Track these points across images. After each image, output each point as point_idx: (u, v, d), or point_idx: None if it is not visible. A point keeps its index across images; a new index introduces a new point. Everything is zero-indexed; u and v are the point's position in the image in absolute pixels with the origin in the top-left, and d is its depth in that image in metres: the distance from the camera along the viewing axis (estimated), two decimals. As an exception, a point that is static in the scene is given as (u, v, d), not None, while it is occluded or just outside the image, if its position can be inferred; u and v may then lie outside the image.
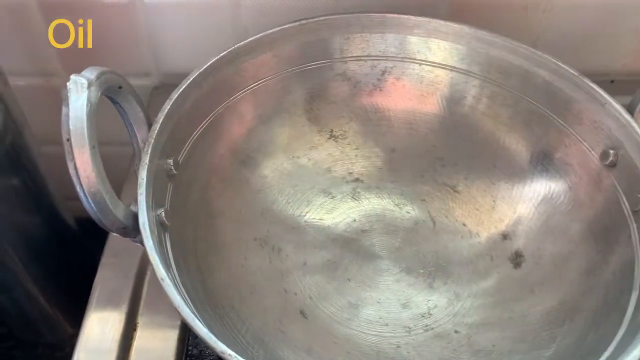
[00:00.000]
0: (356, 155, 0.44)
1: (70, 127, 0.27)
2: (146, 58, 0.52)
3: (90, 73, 0.29)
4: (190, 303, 0.30)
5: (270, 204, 0.41)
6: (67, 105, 0.28)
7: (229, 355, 0.25)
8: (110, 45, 0.50)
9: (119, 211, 0.30)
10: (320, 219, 0.41)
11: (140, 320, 0.40)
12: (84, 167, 0.27)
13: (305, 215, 0.41)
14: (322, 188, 0.43)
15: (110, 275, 0.42)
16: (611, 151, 0.37)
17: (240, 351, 0.31)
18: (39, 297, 0.58)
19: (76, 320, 0.40)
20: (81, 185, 0.28)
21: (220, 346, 0.25)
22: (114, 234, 0.44)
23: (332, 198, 0.42)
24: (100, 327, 0.39)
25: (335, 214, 0.42)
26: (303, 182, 0.42)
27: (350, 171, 0.44)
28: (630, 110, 0.37)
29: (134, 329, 0.40)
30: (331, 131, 0.45)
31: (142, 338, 0.39)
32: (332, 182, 0.43)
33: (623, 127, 0.36)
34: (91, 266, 0.42)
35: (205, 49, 0.41)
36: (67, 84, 0.28)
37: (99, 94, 0.29)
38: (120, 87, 0.32)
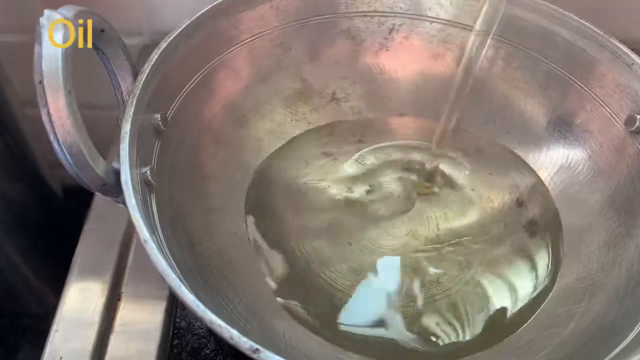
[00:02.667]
0: (360, 116, 0.41)
1: (43, 67, 0.24)
2: (138, 15, 0.48)
3: (68, 11, 0.26)
4: (177, 269, 0.27)
5: (266, 167, 0.38)
6: (40, 44, 0.25)
7: (219, 325, 0.22)
8: (100, 1, 0.47)
9: (99, 166, 0.27)
10: (321, 180, 0.38)
11: (125, 290, 0.38)
12: (59, 114, 0.24)
13: (304, 177, 0.38)
14: (322, 150, 0.40)
15: (93, 242, 0.40)
16: (638, 116, 0.34)
17: (232, 322, 0.29)
18: (22, 267, 0.56)
19: (62, 291, 0.37)
20: (55, 135, 0.25)
21: (209, 315, 0.23)
22: (99, 198, 0.42)
23: (333, 159, 0.39)
24: (81, 298, 0.37)
25: (337, 175, 0.39)
26: (301, 144, 0.39)
27: (354, 133, 0.41)
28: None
29: (118, 299, 0.37)
30: (333, 93, 0.42)
31: (127, 309, 0.37)
32: (333, 144, 0.40)
33: (652, 91, 0.34)
34: (78, 235, 0.40)
35: (202, 7, 0.38)
36: (41, 19, 0.25)
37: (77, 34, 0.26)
38: (102, 31, 0.29)
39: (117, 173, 0.27)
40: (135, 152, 0.29)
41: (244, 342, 0.22)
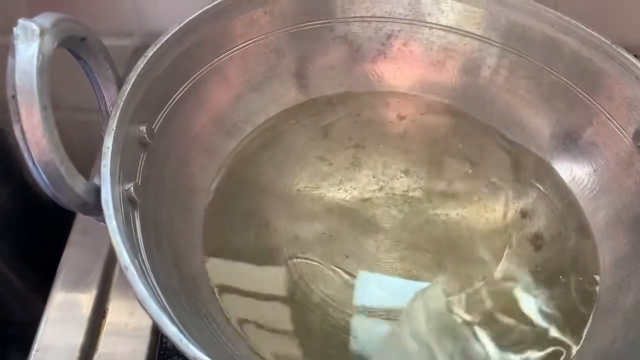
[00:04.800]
0: (357, 122, 0.40)
1: (17, 81, 0.23)
2: (129, 16, 0.47)
3: (45, 19, 0.24)
4: (161, 294, 0.25)
5: (258, 175, 0.36)
6: (14, 56, 0.23)
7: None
8: (89, 1, 0.45)
9: (78, 185, 0.25)
10: (315, 187, 0.37)
11: (111, 307, 0.36)
12: (33, 132, 0.23)
13: (298, 184, 0.36)
14: (317, 154, 0.38)
15: (78, 254, 0.38)
16: (646, 131, 0.33)
17: (218, 349, 0.27)
18: (8, 274, 0.55)
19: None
20: (30, 153, 0.23)
21: (190, 350, 0.21)
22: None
23: (329, 164, 0.38)
24: (64, 314, 0.35)
25: (332, 181, 0.37)
26: (296, 150, 0.38)
27: (350, 137, 0.39)
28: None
29: (103, 317, 0.36)
30: (329, 99, 0.40)
31: (112, 326, 0.35)
32: (329, 148, 0.38)
33: (661, 104, 0.32)
34: (65, 242, 0.38)
35: (194, 7, 0.36)
36: (14, 29, 0.23)
37: (55, 44, 0.24)
38: (83, 39, 0.27)
39: (98, 191, 0.26)
40: (118, 167, 0.27)
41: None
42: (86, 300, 0.36)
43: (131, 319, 0.36)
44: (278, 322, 0.31)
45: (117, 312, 0.36)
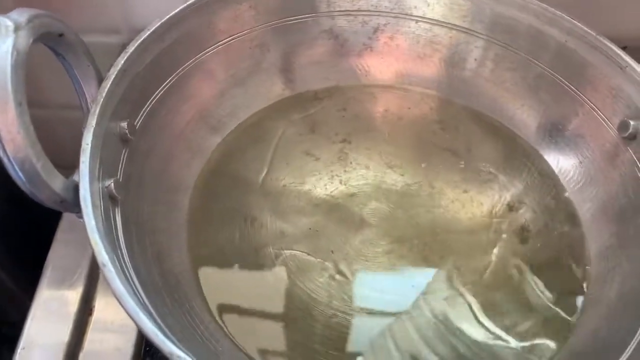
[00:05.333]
0: (344, 117, 0.39)
1: (-9, 78, 0.22)
2: (115, 12, 0.46)
3: (20, 15, 0.24)
4: (142, 291, 0.25)
5: (243, 171, 0.36)
6: (-13, 53, 0.23)
7: (177, 357, 0.21)
8: (75, -2, 0.45)
9: (56, 182, 0.25)
10: (302, 182, 0.36)
11: (97, 304, 0.36)
12: (8, 128, 0.23)
13: (284, 179, 0.36)
14: (304, 149, 0.38)
15: (64, 252, 0.38)
16: (631, 122, 0.33)
17: (200, 345, 0.27)
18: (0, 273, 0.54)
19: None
20: (4, 150, 0.23)
21: (167, 346, 0.21)
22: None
23: (315, 160, 0.37)
24: (50, 312, 0.35)
25: (319, 176, 0.37)
26: (282, 145, 0.38)
27: (337, 132, 0.39)
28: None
29: (90, 314, 0.36)
30: (315, 94, 0.40)
31: (98, 323, 0.35)
32: (315, 143, 0.38)
33: (646, 95, 0.32)
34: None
35: (180, 2, 0.36)
36: (-13, 25, 0.23)
37: (31, 40, 0.24)
38: (61, 35, 0.27)
39: (77, 188, 0.26)
40: (98, 164, 0.27)
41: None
42: (72, 298, 0.36)
43: (117, 316, 0.36)
44: (263, 317, 0.31)
45: (104, 309, 0.36)
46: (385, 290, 0.33)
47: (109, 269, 0.23)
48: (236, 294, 0.31)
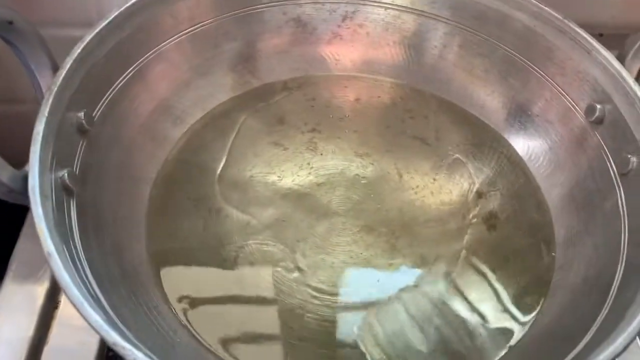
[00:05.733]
0: (313, 106, 0.39)
1: None
2: (88, 5, 0.46)
3: (-37, 2, 0.24)
4: (94, 282, 0.25)
5: (209, 162, 0.36)
6: None
7: (122, 348, 0.20)
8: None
9: (3, 172, 0.24)
10: (269, 172, 0.36)
11: (63, 299, 0.35)
12: (-51, 117, 0.22)
13: (251, 169, 0.36)
14: (272, 140, 0.37)
15: (31, 246, 0.37)
16: (598, 106, 0.32)
17: (157, 337, 0.27)
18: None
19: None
20: (-54, 139, 0.22)
21: (111, 337, 0.20)
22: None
23: (284, 150, 0.37)
24: (15, 307, 0.35)
25: (287, 166, 0.36)
26: (250, 136, 0.37)
27: (306, 122, 0.38)
28: (620, 60, 0.33)
29: (55, 307, 0.35)
30: (284, 83, 0.40)
31: (64, 317, 0.35)
32: (284, 134, 0.38)
33: (612, 78, 0.32)
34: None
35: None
36: None
37: (-26, 27, 0.24)
38: (10, 23, 0.26)
39: (27, 178, 0.25)
40: (50, 154, 0.27)
41: (148, 366, 0.20)
42: (38, 292, 0.35)
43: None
44: (225, 308, 0.31)
45: (70, 303, 0.35)
46: (351, 282, 0.32)
47: (55, 259, 0.22)
48: (197, 285, 0.31)
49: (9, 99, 0.47)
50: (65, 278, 0.22)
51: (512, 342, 0.29)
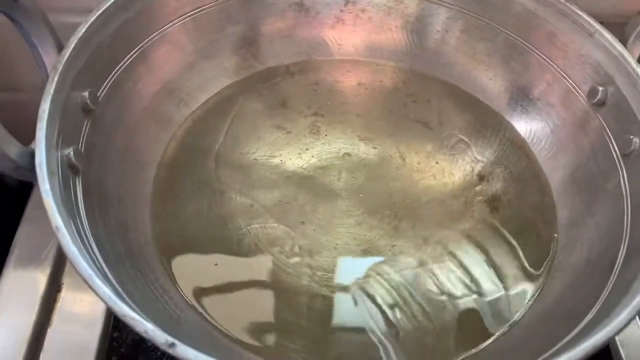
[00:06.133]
0: (315, 90, 0.39)
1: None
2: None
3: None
4: (100, 258, 0.25)
5: (213, 145, 0.36)
6: None
7: (132, 319, 0.20)
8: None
9: (11, 148, 0.24)
10: (272, 155, 0.36)
11: (66, 281, 0.35)
12: (-43, 91, 0.22)
13: (254, 152, 0.36)
14: (275, 123, 0.37)
15: (33, 230, 0.37)
16: (600, 88, 0.32)
17: (163, 313, 0.27)
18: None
19: None
20: (-46, 113, 0.22)
21: (119, 307, 0.21)
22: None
23: (287, 133, 0.37)
24: (18, 288, 0.35)
25: (290, 149, 0.36)
26: (253, 119, 0.37)
27: (309, 105, 0.38)
28: (623, 42, 0.33)
29: (58, 291, 0.35)
30: (287, 67, 0.40)
31: (67, 300, 0.35)
32: (287, 117, 0.38)
33: (614, 60, 0.32)
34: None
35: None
36: None
37: (-20, 3, 0.24)
38: (15, 0, 0.26)
39: (33, 155, 0.25)
40: (56, 132, 0.27)
41: (159, 336, 0.20)
42: (40, 277, 0.35)
43: (86, 295, 0.35)
44: (230, 287, 0.31)
45: (72, 287, 0.35)
46: (354, 263, 0.33)
47: (63, 233, 0.22)
48: (202, 266, 0.31)
49: (8, 87, 0.47)
50: (73, 250, 0.22)
51: (514, 318, 0.30)
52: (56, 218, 0.23)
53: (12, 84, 0.46)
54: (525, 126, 0.37)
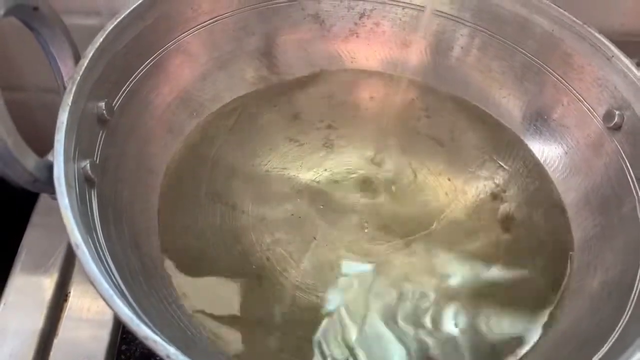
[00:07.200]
0: (329, 103, 0.39)
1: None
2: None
3: (-9, -14, 0.23)
4: (117, 274, 0.25)
5: (225, 156, 0.35)
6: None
7: (153, 342, 0.20)
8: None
9: (29, 161, 0.24)
10: (284, 168, 0.36)
11: (73, 290, 0.35)
12: (-23, 103, 0.22)
13: (266, 164, 0.36)
14: (288, 135, 0.37)
15: (40, 236, 0.37)
16: (616, 112, 0.32)
17: (177, 331, 0.27)
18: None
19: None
20: (-27, 126, 0.22)
21: (142, 330, 0.20)
22: (47, 191, 0.39)
23: (299, 145, 0.37)
24: (23, 298, 0.34)
25: (303, 162, 0.36)
26: (266, 131, 0.37)
27: (322, 118, 0.38)
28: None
29: (65, 300, 0.35)
30: (300, 79, 0.39)
31: (74, 310, 0.35)
32: (300, 129, 0.37)
33: (632, 85, 0.32)
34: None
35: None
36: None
37: (2, 12, 0.23)
38: (35, 9, 0.26)
39: (51, 167, 0.25)
40: (73, 144, 0.26)
41: (181, 360, 0.20)
42: (47, 283, 0.35)
43: (94, 303, 0.35)
44: (243, 304, 0.30)
45: (80, 295, 0.35)
46: (367, 280, 0.32)
47: (83, 250, 0.22)
48: (214, 279, 0.31)
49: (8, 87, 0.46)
50: (93, 270, 0.21)
51: (527, 347, 0.29)
52: (76, 235, 0.22)
53: (12, 84, 0.46)
54: (539, 146, 0.37)
